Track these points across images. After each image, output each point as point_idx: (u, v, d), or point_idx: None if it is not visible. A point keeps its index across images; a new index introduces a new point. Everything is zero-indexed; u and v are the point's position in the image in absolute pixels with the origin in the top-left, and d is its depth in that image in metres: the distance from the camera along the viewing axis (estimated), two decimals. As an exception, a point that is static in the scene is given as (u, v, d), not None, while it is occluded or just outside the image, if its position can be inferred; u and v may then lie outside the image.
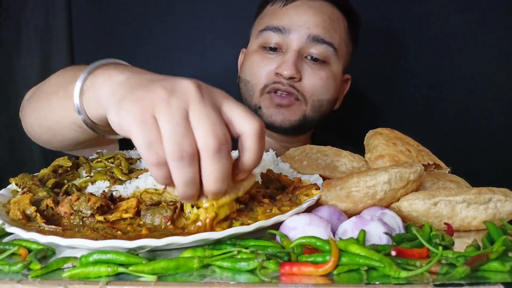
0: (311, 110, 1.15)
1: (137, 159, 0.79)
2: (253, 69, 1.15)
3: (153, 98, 0.50)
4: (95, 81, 0.62)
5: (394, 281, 0.48)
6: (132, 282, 0.49)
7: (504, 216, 0.67)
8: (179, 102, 0.50)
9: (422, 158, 0.81)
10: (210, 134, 0.49)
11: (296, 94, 1.12)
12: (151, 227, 0.60)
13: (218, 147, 0.50)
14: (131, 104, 0.50)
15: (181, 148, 0.49)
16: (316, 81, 1.13)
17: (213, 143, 0.49)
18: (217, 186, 0.52)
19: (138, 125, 0.49)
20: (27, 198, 0.63)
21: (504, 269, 0.50)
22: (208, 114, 0.50)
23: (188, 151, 0.49)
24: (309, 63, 1.13)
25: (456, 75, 1.57)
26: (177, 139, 0.49)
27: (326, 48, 1.13)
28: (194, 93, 0.51)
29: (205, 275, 0.50)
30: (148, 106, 0.50)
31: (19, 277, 0.50)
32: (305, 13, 1.13)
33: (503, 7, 1.53)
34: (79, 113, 0.65)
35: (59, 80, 0.77)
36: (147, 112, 0.49)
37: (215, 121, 0.50)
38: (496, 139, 1.56)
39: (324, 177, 0.78)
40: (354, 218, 0.60)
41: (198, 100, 0.50)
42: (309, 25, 1.12)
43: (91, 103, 0.63)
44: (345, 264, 0.51)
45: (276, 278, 0.49)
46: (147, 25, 1.61)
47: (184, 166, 0.49)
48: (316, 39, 1.12)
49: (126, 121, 0.50)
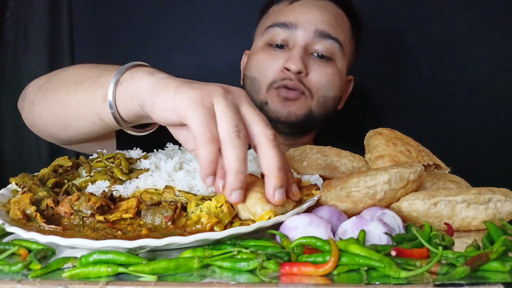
0: (317, 105, 1.16)
1: (137, 159, 0.79)
2: (260, 66, 1.16)
3: (211, 90, 0.58)
4: (135, 75, 0.67)
5: (394, 281, 0.48)
6: (132, 282, 0.49)
7: (504, 216, 0.67)
8: (234, 99, 0.58)
9: (422, 158, 0.81)
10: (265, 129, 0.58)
11: (302, 89, 1.13)
12: (151, 227, 0.60)
13: (273, 139, 0.57)
14: (191, 90, 0.57)
15: (238, 128, 0.55)
16: (322, 77, 1.14)
17: (270, 136, 0.57)
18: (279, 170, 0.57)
19: (197, 107, 0.56)
20: (27, 198, 0.63)
21: (504, 269, 0.50)
22: (258, 113, 0.59)
23: (243, 132, 0.56)
24: (316, 60, 1.14)
25: (456, 75, 1.57)
26: (235, 122, 0.56)
27: (332, 44, 1.14)
28: (246, 97, 0.61)
29: (205, 275, 0.50)
30: (207, 94, 0.57)
31: (19, 277, 0.50)
32: (310, 11, 1.15)
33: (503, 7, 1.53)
34: (110, 104, 0.69)
35: (83, 72, 0.80)
36: (206, 98, 0.57)
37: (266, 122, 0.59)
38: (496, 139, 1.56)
39: (324, 178, 0.78)
40: (354, 218, 0.60)
41: (249, 102, 0.60)
42: (316, 21, 1.13)
43: (127, 94, 0.68)
44: (345, 264, 0.51)
45: (276, 278, 0.49)
46: (147, 25, 1.61)
47: (239, 144, 0.55)
48: (322, 35, 1.13)
49: (183, 103, 0.57)
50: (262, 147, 0.58)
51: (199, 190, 0.68)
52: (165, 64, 1.58)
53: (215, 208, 0.59)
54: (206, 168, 0.56)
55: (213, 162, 0.55)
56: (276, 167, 0.56)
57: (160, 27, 1.60)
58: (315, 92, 1.14)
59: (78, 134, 0.84)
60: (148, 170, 0.74)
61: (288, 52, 1.14)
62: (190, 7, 1.60)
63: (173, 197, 0.65)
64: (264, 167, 0.57)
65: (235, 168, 0.55)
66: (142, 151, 0.84)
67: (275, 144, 0.57)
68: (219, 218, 0.58)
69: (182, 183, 0.68)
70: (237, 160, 0.55)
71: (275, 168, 0.56)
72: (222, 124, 0.56)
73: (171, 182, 0.69)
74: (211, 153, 0.55)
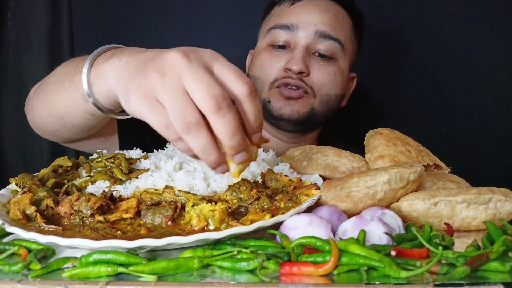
0: (319, 104, 1.17)
1: (137, 159, 0.79)
2: (263, 66, 1.18)
3: (149, 83, 0.54)
4: (99, 72, 0.67)
5: (394, 281, 0.48)
6: (132, 282, 0.49)
7: (504, 216, 0.67)
8: (172, 79, 0.54)
9: (422, 158, 0.81)
10: (207, 95, 0.52)
11: (305, 88, 1.14)
12: (151, 226, 0.60)
13: (217, 104, 0.53)
14: (135, 94, 0.55)
15: (184, 121, 0.53)
16: (324, 76, 1.15)
17: (211, 102, 0.52)
18: (231, 140, 0.55)
19: (149, 113, 0.55)
20: (27, 198, 0.63)
21: (504, 269, 0.50)
22: (199, 77, 0.53)
23: (191, 121, 0.53)
24: (317, 59, 1.16)
25: (457, 75, 1.57)
26: (179, 114, 0.53)
27: (333, 44, 1.15)
28: (182, 63, 0.54)
29: (205, 275, 0.50)
30: (148, 92, 0.54)
31: (19, 277, 0.50)
32: (311, 11, 1.16)
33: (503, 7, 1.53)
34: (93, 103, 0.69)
35: (63, 71, 0.80)
36: (150, 99, 0.54)
37: (208, 81, 0.53)
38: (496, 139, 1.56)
39: (324, 177, 0.78)
40: (354, 218, 0.60)
41: (186, 68, 0.54)
42: (316, 22, 1.15)
43: (101, 93, 0.68)
44: (345, 264, 0.51)
45: (276, 278, 0.49)
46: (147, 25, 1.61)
47: (194, 136, 0.54)
48: (323, 35, 1.14)
49: (138, 111, 0.56)
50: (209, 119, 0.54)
51: (199, 190, 0.68)
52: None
53: (208, 211, 0.59)
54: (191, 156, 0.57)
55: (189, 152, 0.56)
56: (225, 139, 0.55)
57: (160, 27, 1.60)
58: (318, 90, 1.16)
59: (79, 130, 0.85)
60: (148, 170, 0.74)
61: (290, 53, 1.15)
62: (191, 7, 1.60)
63: (173, 197, 0.65)
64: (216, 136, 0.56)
65: (200, 156, 0.56)
66: (143, 151, 0.84)
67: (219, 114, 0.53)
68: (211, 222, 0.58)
69: (182, 183, 0.68)
70: (197, 150, 0.55)
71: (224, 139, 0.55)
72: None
73: (171, 182, 0.69)
74: (183, 148, 0.56)
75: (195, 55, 0.56)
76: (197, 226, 0.58)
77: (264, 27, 1.25)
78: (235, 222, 0.59)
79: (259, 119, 0.58)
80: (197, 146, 0.55)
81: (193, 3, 1.60)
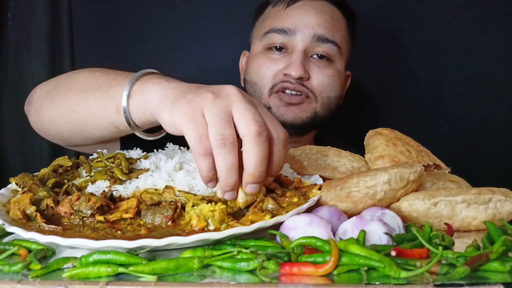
0: (321, 107, 1.17)
1: (137, 159, 0.79)
2: (260, 71, 1.17)
3: (202, 100, 0.59)
4: (144, 88, 0.69)
5: (394, 281, 0.48)
6: (132, 282, 0.49)
7: (504, 216, 0.67)
8: (223, 102, 0.59)
9: (422, 158, 0.81)
10: (252, 121, 0.58)
11: (306, 92, 1.14)
12: (151, 227, 0.60)
13: (259, 131, 0.58)
14: (184, 105, 0.60)
15: (223, 137, 0.57)
16: (324, 78, 1.15)
17: (255, 127, 0.58)
18: (256, 168, 0.58)
19: (189, 122, 0.58)
20: (27, 198, 0.63)
21: (504, 269, 0.50)
22: (249, 108, 0.59)
23: (229, 139, 0.57)
24: (315, 62, 1.15)
25: (456, 75, 1.57)
26: (220, 130, 0.57)
27: (331, 47, 1.15)
28: (236, 94, 0.60)
29: (205, 275, 0.50)
30: (198, 106, 0.59)
31: (19, 277, 0.50)
32: (307, 14, 1.15)
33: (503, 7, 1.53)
34: (125, 115, 0.72)
35: (92, 80, 0.81)
36: (197, 111, 0.59)
37: (255, 112, 0.59)
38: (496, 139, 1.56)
39: (324, 178, 0.78)
40: (354, 218, 0.60)
41: (239, 98, 0.60)
42: (313, 25, 1.14)
43: (138, 107, 0.70)
44: (345, 264, 0.51)
45: (276, 278, 0.49)
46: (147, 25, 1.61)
47: (226, 153, 0.57)
48: (320, 39, 1.14)
49: (179, 119, 0.59)
50: (244, 143, 0.59)
51: (199, 190, 0.68)
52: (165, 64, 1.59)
53: (208, 211, 0.59)
54: (204, 177, 0.60)
55: (210, 171, 0.60)
56: (251, 165, 0.58)
57: (160, 27, 1.60)
58: (319, 94, 1.15)
59: (92, 139, 0.86)
60: (148, 170, 0.74)
61: (288, 56, 1.15)
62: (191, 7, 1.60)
63: (173, 197, 0.65)
64: (244, 161, 0.59)
65: (222, 174, 0.59)
66: (143, 151, 0.84)
67: (256, 141, 0.58)
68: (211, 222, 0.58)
69: (182, 183, 0.68)
70: (223, 167, 0.58)
71: (250, 165, 0.58)
72: (210, 133, 0.58)
73: (171, 182, 0.69)
74: (206, 165, 0.59)
75: (247, 95, 0.62)
76: (197, 227, 0.58)
77: (258, 29, 1.23)
78: (235, 222, 0.59)
79: (281, 166, 0.63)
80: (225, 164, 0.57)
81: (193, 3, 1.60)
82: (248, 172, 0.59)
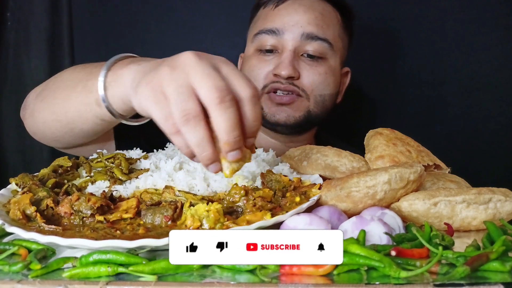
0: (315, 105, 1.16)
1: (137, 159, 0.79)
2: (252, 72, 1.17)
3: (159, 77, 0.57)
4: (116, 76, 0.69)
5: (394, 281, 0.48)
6: (132, 282, 0.49)
7: (504, 216, 0.67)
8: (180, 74, 0.56)
9: (422, 159, 0.81)
10: (212, 88, 0.54)
11: (297, 91, 1.13)
12: (151, 226, 0.60)
13: (222, 97, 0.54)
14: (144, 87, 0.58)
15: (185, 112, 0.54)
16: (315, 77, 1.14)
17: (215, 94, 0.54)
18: (229, 134, 0.56)
19: (153, 104, 0.57)
20: (27, 198, 0.63)
21: (504, 269, 0.50)
22: (207, 73, 0.55)
23: (191, 113, 0.55)
24: (306, 61, 1.14)
25: (456, 75, 1.57)
26: (181, 106, 0.55)
27: (321, 44, 1.14)
28: (193, 60, 0.56)
29: (205, 275, 0.50)
30: (157, 85, 0.57)
31: (19, 277, 0.50)
32: (296, 12, 1.14)
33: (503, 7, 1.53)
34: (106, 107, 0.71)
35: (73, 76, 0.81)
36: (157, 90, 0.56)
37: (214, 77, 0.55)
38: (496, 139, 1.56)
39: (324, 178, 0.78)
40: (354, 218, 0.60)
41: (196, 64, 0.56)
42: (302, 24, 1.13)
43: (116, 96, 0.69)
44: (345, 264, 0.51)
45: (276, 278, 0.49)
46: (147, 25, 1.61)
47: (192, 128, 0.55)
48: (310, 37, 1.13)
49: (143, 103, 0.58)
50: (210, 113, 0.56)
51: (199, 190, 0.68)
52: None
53: (203, 211, 0.59)
54: (186, 154, 0.59)
55: (187, 147, 0.58)
56: (223, 133, 0.56)
57: (160, 27, 1.60)
58: (310, 92, 1.14)
59: (84, 135, 0.85)
60: (148, 170, 0.74)
61: (278, 57, 1.14)
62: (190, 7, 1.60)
63: (173, 197, 0.65)
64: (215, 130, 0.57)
65: (195, 150, 0.57)
66: (143, 151, 0.84)
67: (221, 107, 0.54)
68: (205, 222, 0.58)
69: (182, 183, 0.68)
70: (193, 143, 0.56)
71: (223, 134, 0.56)
72: (172, 111, 0.55)
73: (171, 182, 0.69)
74: (181, 143, 0.57)
75: (206, 56, 0.58)
76: (191, 227, 0.58)
77: (251, 31, 1.23)
78: (230, 222, 0.59)
79: (257, 124, 0.59)
80: (193, 139, 0.56)
81: (193, 3, 1.60)
82: (222, 140, 0.57)
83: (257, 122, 0.59)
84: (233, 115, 0.56)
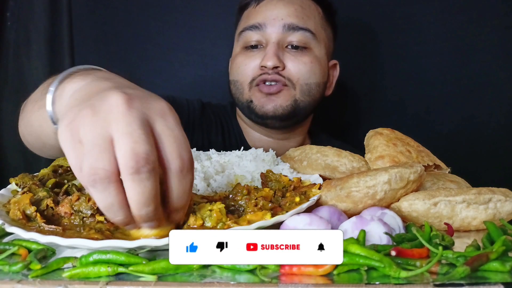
0: (301, 94, 1.18)
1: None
2: (239, 69, 1.20)
3: (79, 120, 0.48)
4: (61, 91, 0.61)
5: (394, 281, 0.48)
6: (132, 282, 0.49)
7: (504, 216, 0.67)
8: (101, 122, 0.47)
9: (422, 159, 0.81)
10: (129, 153, 0.46)
11: (283, 81, 1.16)
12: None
13: (137, 168, 0.46)
14: (64, 128, 0.50)
15: (93, 171, 0.46)
16: (300, 66, 1.17)
17: (131, 162, 0.46)
18: (140, 210, 0.49)
19: (70, 150, 0.49)
20: (27, 198, 0.63)
21: (504, 269, 0.50)
22: (130, 131, 0.47)
23: (100, 174, 0.46)
24: (291, 52, 1.17)
25: (456, 75, 1.57)
26: (91, 161, 0.46)
27: (303, 34, 1.17)
28: (120, 108, 0.48)
29: (205, 275, 0.50)
30: (75, 128, 0.48)
31: (19, 277, 0.50)
32: (276, 7, 1.19)
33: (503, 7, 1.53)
34: (53, 122, 0.63)
35: (39, 89, 0.77)
36: (74, 134, 0.48)
37: (137, 138, 0.47)
38: (496, 139, 1.56)
39: (324, 177, 0.78)
40: (354, 218, 0.60)
41: (122, 115, 0.47)
42: (283, 16, 1.17)
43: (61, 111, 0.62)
44: (345, 264, 0.51)
45: (276, 278, 0.49)
46: (147, 25, 1.61)
47: (99, 192, 0.47)
48: (291, 27, 1.16)
49: (62, 144, 0.50)
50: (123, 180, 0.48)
51: (199, 190, 0.68)
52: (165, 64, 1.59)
53: (206, 210, 0.59)
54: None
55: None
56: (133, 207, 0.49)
57: (160, 27, 1.60)
58: (296, 81, 1.17)
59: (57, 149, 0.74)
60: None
61: (263, 51, 1.18)
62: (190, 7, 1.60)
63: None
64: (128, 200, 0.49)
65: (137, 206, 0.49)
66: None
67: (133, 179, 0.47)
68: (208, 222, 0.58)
69: (182, 183, 0.68)
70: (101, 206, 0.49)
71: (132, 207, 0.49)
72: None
73: (171, 182, 0.69)
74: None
75: (141, 104, 0.49)
76: (194, 225, 0.58)
77: (236, 33, 1.28)
78: (232, 222, 0.59)
79: (183, 200, 0.52)
80: (100, 203, 0.49)
81: (193, 3, 1.60)
82: (133, 213, 0.49)
83: (183, 198, 0.52)
84: (148, 189, 0.47)
